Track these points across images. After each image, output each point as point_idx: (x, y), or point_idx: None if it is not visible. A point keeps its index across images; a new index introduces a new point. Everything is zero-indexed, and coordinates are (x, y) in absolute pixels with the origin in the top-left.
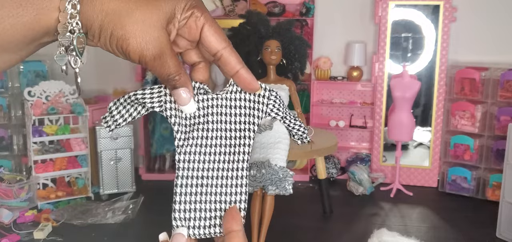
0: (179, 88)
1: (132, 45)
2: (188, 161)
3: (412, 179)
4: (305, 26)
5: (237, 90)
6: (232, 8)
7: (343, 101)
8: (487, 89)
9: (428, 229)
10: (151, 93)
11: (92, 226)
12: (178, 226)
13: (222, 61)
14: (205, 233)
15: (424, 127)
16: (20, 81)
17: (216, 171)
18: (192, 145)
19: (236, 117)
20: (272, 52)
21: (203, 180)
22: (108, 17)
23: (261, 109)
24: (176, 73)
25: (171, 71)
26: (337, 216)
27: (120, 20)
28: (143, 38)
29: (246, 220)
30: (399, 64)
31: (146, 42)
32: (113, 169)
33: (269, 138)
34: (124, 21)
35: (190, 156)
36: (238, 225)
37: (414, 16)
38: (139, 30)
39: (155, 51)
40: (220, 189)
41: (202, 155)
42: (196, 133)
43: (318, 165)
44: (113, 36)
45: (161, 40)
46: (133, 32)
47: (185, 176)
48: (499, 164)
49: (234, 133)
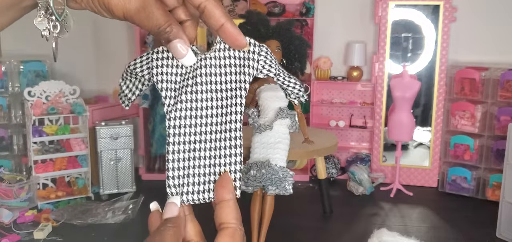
0: (174, 41)
1: (114, 1)
2: (179, 126)
3: (412, 179)
4: (305, 26)
5: (225, 47)
6: (232, 8)
7: (343, 101)
8: (487, 89)
9: (428, 229)
10: (141, 61)
11: (92, 226)
12: (172, 194)
13: (206, 14)
14: (199, 198)
15: (424, 127)
16: (20, 81)
17: (208, 134)
18: (181, 109)
19: (226, 76)
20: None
21: (195, 144)
22: None
23: (252, 66)
24: (166, 24)
25: (160, 22)
26: (337, 216)
27: None
28: None
29: (246, 220)
30: (399, 64)
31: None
32: (113, 169)
33: (269, 138)
34: None
35: (181, 120)
36: (229, 194)
37: (414, 16)
38: None
39: (138, 4)
40: (213, 152)
41: (192, 119)
42: (185, 96)
43: (318, 165)
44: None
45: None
46: None
47: (177, 141)
48: (499, 164)
49: (225, 93)
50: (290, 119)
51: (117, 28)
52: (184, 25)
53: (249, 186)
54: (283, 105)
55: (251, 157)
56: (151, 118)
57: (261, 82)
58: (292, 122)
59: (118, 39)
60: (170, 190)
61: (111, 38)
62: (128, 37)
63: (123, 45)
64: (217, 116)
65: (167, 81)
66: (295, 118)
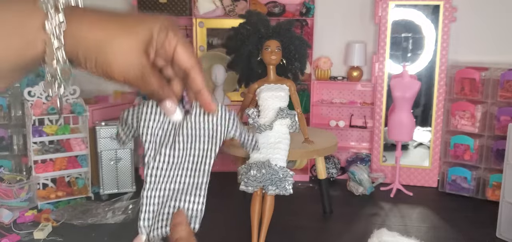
0: (164, 101)
1: (115, 71)
2: (155, 176)
3: (412, 179)
4: (305, 26)
5: (201, 112)
6: (232, 8)
7: (343, 101)
8: (487, 89)
9: (428, 229)
10: (132, 112)
11: (92, 226)
12: (142, 232)
13: (190, 78)
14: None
15: (424, 127)
16: (20, 81)
17: (180, 185)
18: (160, 161)
19: (200, 142)
20: (272, 52)
21: (167, 192)
22: (91, 48)
23: (221, 131)
24: (159, 88)
25: (154, 87)
26: (337, 216)
27: (101, 49)
28: (125, 63)
29: (246, 220)
30: (399, 64)
31: (127, 66)
32: (113, 169)
33: (269, 138)
34: (106, 49)
35: (157, 171)
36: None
37: (414, 16)
38: (120, 57)
39: (137, 73)
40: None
41: (168, 171)
42: (164, 150)
43: (318, 165)
44: (98, 63)
45: (141, 63)
46: (115, 59)
47: (152, 188)
48: (499, 164)
49: (197, 157)
50: (290, 119)
51: None
52: (171, 83)
53: (249, 186)
54: (283, 105)
55: (251, 157)
56: None
57: (261, 83)
58: (292, 121)
59: None
60: (140, 230)
61: None
62: None
63: None
64: (189, 174)
65: (150, 134)
66: (295, 118)
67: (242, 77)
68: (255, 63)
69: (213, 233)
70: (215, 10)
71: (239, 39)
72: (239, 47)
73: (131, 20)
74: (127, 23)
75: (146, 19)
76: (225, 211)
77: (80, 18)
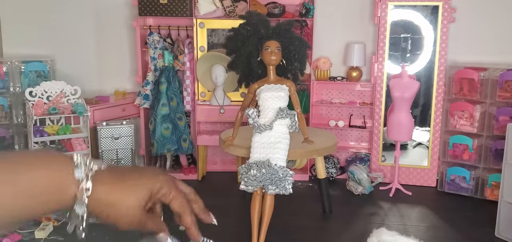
0: (160, 234)
1: (122, 223)
2: None
3: (411, 178)
4: (305, 27)
5: None
6: (232, 9)
7: (343, 102)
8: (486, 90)
9: (427, 229)
10: None
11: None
12: None
13: (181, 219)
14: None
15: (423, 126)
16: (22, 82)
17: None
18: None
19: None
20: (272, 52)
21: None
22: (105, 206)
23: None
24: (157, 229)
25: (152, 228)
26: (337, 215)
27: (114, 208)
28: (128, 217)
29: (246, 220)
30: (398, 64)
31: (130, 219)
32: None
33: (269, 138)
34: (116, 209)
35: None
36: None
37: (413, 16)
38: (126, 214)
39: (138, 222)
40: None
41: None
42: None
43: (318, 164)
44: (109, 217)
45: (141, 217)
46: (123, 216)
47: None
48: (498, 164)
49: None
50: (290, 119)
51: (118, 29)
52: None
53: (249, 186)
54: (283, 105)
55: (251, 156)
56: (152, 119)
57: (261, 83)
58: (292, 121)
59: (119, 39)
60: None
61: (112, 39)
62: (129, 37)
63: (124, 45)
64: None
65: None
66: (295, 118)
67: (242, 78)
68: (255, 64)
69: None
70: (216, 11)
71: (239, 40)
72: (239, 48)
73: (135, 181)
74: (133, 186)
75: (146, 180)
76: (225, 211)
77: (100, 182)
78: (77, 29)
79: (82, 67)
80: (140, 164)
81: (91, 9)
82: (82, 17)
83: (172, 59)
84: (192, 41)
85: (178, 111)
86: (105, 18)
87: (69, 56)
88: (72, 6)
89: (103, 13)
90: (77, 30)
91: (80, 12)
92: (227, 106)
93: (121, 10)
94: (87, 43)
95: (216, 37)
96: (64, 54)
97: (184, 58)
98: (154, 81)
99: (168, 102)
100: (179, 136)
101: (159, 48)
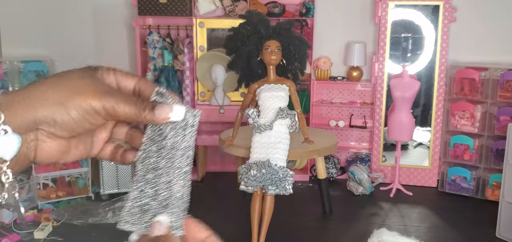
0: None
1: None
2: None
3: (412, 179)
4: (305, 27)
5: None
6: (232, 8)
7: (343, 102)
8: (487, 90)
9: (428, 229)
10: None
11: (92, 226)
12: None
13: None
14: None
15: (424, 126)
16: (21, 82)
17: None
18: None
19: None
20: (272, 52)
21: None
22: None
23: None
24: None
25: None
26: (337, 215)
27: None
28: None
29: (247, 220)
30: (399, 64)
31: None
32: (113, 168)
33: (269, 138)
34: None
35: None
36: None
37: (413, 16)
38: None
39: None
40: None
41: None
42: None
43: (318, 164)
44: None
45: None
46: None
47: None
48: (499, 164)
49: None
50: (290, 119)
51: (117, 28)
52: None
53: (249, 186)
54: (283, 105)
55: (251, 157)
56: None
57: (261, 83)
58: (292, 121)
59: (119, 39)
60: None
61: (111, 39)
62: (129, 37)
63: (124, 45)
64: None
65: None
66: (295, 118)
67: (242, 78)
68: (255, 64)
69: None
70: (215, 10)
71: (239, 40)
72: (239, 48)
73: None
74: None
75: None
76: (225, 211)
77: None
78: (77, 29)
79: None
80: None
81: (91, 9)
82: (81, 17)
83: (171, 59)
84: (192, 41)
85: None
86: (105, 18)
87: (68, 56)
88: (72, 6)
89: (102, 13)
90: (76, 30)
91: (79, 12)
92: (227, 106)
93: (121, 10)
94: (86, 43)
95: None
96: (64, 54)
97: (183, 58)
98: (154, 81)
99: None
100: None
101: (158, 48)
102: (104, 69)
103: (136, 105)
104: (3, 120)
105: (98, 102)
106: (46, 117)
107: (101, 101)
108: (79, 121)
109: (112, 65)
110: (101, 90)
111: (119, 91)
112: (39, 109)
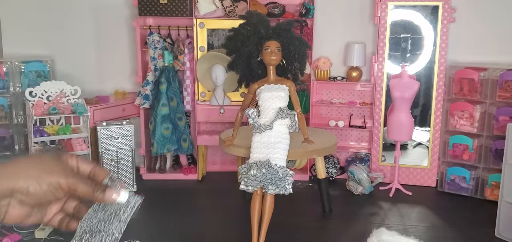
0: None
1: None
2: None
3: (411, 178)
4: (305, 27)
5: None
6: (232, 9)
7: (343, 102)
8: (486, 90)
9: (427, 229)
10: None
11: None
12: None
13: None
14: None
15: (423, 126)
16: (22, 82)
17: None
18: None
19: None
20: (272, 52)
21: None
22: None
23: None
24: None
25: (87, 188)
26: (337, 215)
27: None
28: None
29: (246, 220)
30: (398, 64)
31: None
32: (114, 168)
33: (269, 138)
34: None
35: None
36: None
37: (413, 16)
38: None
39: (68, 186)
40: None
41: None
42: None
43: (318, 164)
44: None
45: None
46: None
47: None
48: (498, 164)
49: None
50: (290, 119)
51: (118, 28)
52: None
53: (249, 186)
54: (283, 105)
55: (251, 156)
56: (151, 119)
57: (261, 83)
58: (292, 121)
59: (119, 39)
60: None
61: (112, 39)
62: (129, 37)
63: (124, 45)
64: None
65: None
66: (295, 118)
67: (242, 78)
68: (255, 64)
69: (213, 233)
70: (216, 11)
71: (239, 40)
72: (239, 48)
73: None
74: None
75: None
76: (225, 211)
77: None
78: (77, 29)
79: (82, 67)
80: (140, 164)
81: (91, 9)
82: (82, 17)
83: (172, 59)
84: (192, 41)
85: (178, 112)
86: (105, 18)
87: (69, 56)
88: (72, 6)
89: (103, 13)
90: (77, 30)
91: (80, 12)
92: (227, 106)
93: (121, 10)
94: (87, 43)
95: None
96: (64, 54)
97: (184, 58)
98: (154, 81)
99: (168, 103)
100: (179, 136)
101: (159, 48)
102: (68, 156)
103: (91, 187)
104: None
105: (64, 180)
106: (22, 188)
107: (67, 180)
108: (46, 193)
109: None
110: (67, 172)
111: (79, 174)
112: (20, 180)
